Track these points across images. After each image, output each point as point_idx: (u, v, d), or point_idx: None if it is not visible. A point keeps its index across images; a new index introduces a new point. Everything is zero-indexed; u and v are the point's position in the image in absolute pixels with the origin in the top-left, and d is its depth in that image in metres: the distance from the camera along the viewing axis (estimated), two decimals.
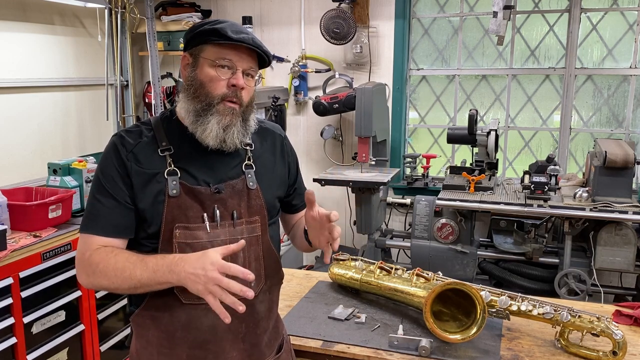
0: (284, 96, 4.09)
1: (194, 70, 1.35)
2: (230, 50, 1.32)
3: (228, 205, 1.36)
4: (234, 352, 1.38)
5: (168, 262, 1.22)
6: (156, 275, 1.23)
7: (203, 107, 1.33)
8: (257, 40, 1.35)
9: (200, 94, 1.33)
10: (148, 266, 1.24)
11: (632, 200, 3.06)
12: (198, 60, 1.34)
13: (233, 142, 1.35)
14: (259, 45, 1.34)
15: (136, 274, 1.24)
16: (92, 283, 1.32)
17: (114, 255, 1.29)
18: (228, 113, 1.34)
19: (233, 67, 1.33)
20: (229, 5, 4.36)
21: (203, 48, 1.34)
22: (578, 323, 1.61)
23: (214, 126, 1.32)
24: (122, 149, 1.34)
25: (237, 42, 1.30)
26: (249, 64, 1.36)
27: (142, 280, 1.24)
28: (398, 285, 1.83)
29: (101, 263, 1.28)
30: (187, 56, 1.38)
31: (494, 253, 3.48)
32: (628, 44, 3.70)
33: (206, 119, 1.33)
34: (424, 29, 4.11)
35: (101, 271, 1.27)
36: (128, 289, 1.27)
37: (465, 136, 3.56)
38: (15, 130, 3.35)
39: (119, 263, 1.27)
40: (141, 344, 1.41)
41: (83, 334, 2.80)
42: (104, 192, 1.33)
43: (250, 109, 1.40)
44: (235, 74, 1.33)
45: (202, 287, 1.15)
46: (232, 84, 1.33)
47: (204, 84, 1.33)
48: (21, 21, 3.38)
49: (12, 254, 2.40)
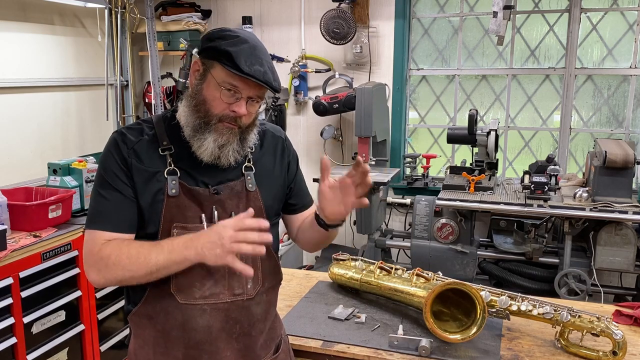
0: (284, 96, 4.10)
1: (201, 84, 1.33)
2: (239, 79, 1.29)
3: (226, 207, 1.36)
4: (227, 352, 1.38)
5: (183, 240, 1.25)
6: (172, 255, 1.24)
7: (201, 123, 1.32)
8: (269, 75, 1.30)
9: (200, 110, 1.32)
10: (163, 249, 1.25)
11: (632, 200, 3.06)
12: (207, 75, 1.32)
13: (227, 160, 1.34)
14: (269, 81, 1.30)
15: (151, 257, 1.24)
16: (105, 277, 1.29)
17: (125, 244, 1.28)
18: (225, 133, 1.32)
19: (238, 93, 1.30)
20: (229, 5, 4.36)
21: (214, 64, 1.30)
22: (578, 323, 1.61)
23: (210, 144, 1.32)
24: (123, 145, 1.34)
25: (247, 76, 1.27)
26: (256, 93, 1.33)
27: (158, 263, 1.24)
28: (398, 285, 1.82)
29: (113, 254, 1.27)
30: (198, 62, 1.35)
31: (494, 253, 3.48)
32: (628, 44, 3.70)
33: (203, 135, 1.32)
34: (424, 29, 4.11)
35: (114, 262, 1.26)
36: (144, 275, 1.26)
37: (465, 136, 3.56)
38: (15, 130, 3.35)
39: (132, 250, 1.26)
40: (138, 343, 1.42)
41: (83, 334, 2.80)
42: (107, 187, 1.32)
43: (250, 129, 1.38)
44: (239, 101, 1.31)
45: (221, 250, 1.20)
46: (233, 110, 1.31)
47: (206, 101, 1.32)
48: (21, 21, 3.38)
49: (12, 254, 2.40)
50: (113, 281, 1.30)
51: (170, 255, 1.24)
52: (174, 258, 1.24)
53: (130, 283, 1.31)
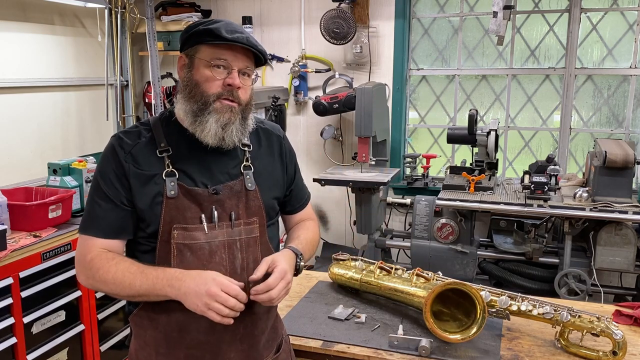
0: (284, 96, 4.09)
1: (190, 71, 1.35)
2: (225, 50, 1.32)
3: (226, 206, 1.36)
4: (231, 353, 1.38)
5: (168, 276, 1.27)
6: (155, 287, 1.27)
7: (199, 107, 1.33)
8: (252, 40, 1.35)
9: (195, 94, 1.33)
10: (148, 278, 1.28)
11: (632, 200, 3.06)
12: (194, 61, 1.35)
13: (232, 140, 1.35)
14: (253, 44, 1.34)
15: (135, 284, 1.28)
16: (92, 285, 1.36)
17: (115, 263, 1.31)
18: (226, 110, 1.34)
19: (228, 66, 1.33)
20: (229, 5, 4.36)
21: (198, 48, 1.34)
22: (578, 323, 1.61)
23: (213, 125, 1.32)
24: (120, 150, 1.35)
25: (231, 42, 1.30)
26: (245, 63, 1.35)
27: (140, 290, 1.28)
28: (398, 285, 1.82)
29: (101, 269, 1.31)
30: (183, 57, 1.38)
31: (494, 253, 3.48)
32: (628, 44, 3.70)
33: (204, 118, 1.33)
34: (424, 29, 4.10)
35: (101, 277, 1.31)
36: (126, 296, 1.33)
37: (465, 136, 3.56)
38: (15, 130, 3.35)
39: (119, 272, 1.29)
40: (139, 344, 1.42)
41: (83, 334, 2.80)
42: (102, 194, 1.34)
43: (249, 108, 1.40)
44: (231, 73, 1.33)
45: (201, 304, 1.23)
46: (227, 83, 1.33)
47: (199, 84, 1.33)
48: (21, 21, 3.38)
49: (12, 254, 2.40)
50: (98, 290, 1.40)
51: (153, 286, 1.27)
52: (156, 290, 1.27)
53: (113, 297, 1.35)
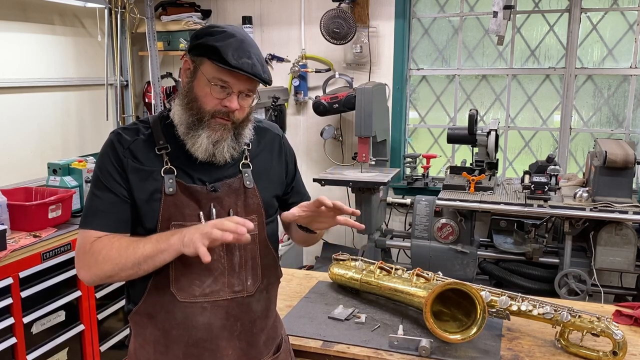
0: (284, 96, 4.09)
1: (192, 81, 1.34)
2: (228, 73, 1.29)
3: (224, 204, 1.37)
4: (229, 350, 1.38)
5: (171, 231, 1.27)
6: (159, 242, 1.25)
7: (194, 120, 1.32)
8: (258, 68, 1.30)
9: (193, 107, 1.33)
10: (150, 239, 1.27)
11: (632, 200, 3.06)
12: (197, 72, 1.33)
13: (223, 156, 1.34)
14: (258, 73, 1.30)
15: (139, 247, 1.26)
16: (95, 274, 1.31)
17: (117, 239, 1.31)
18: (219, 129, 1.33)
19: (229, 88, 1.31)
20: (229, 5, 4.36)
21: (203, 61, 1.31)
22: (578, 323, 1.61)
23: (204, 140, 1.32)
24: (119, 145, 1.35)
25: (235, 69, 1.27)
26: (247, 87, 1.33)
27: (145, 252, 1.25)
28: (398, 285, 1.82)
29: (104, 249, 1.29)
30: (188, 60, 1.36)
31: (494, 253, 3.48)
32: (628, 44, 3.70)
33: (196, 132, 1.32)
34: (424, 29, 4.10)
35: (104, 257, 1.28)
36: (132, 266, 1.27)
37: (465, 136, 3.56)
38: (15, 130, 3.34)
39: (123, 243, 1.29)
40: (139, 343, 1.42)
41: (83, 334, 2.80)
42: (102, 187, 1.34)
43: (244, 124, 1.38)
44: (230, 95, 1.31)
45: (199, 234, 1.19)
46: (224, 105, 1.31)
47: (197, 97, 1.32)
48: (21, 21, 3.38)
49: (12, 254, 2.40)
50: (102, 276, 1.31)
51: (157, 243, 1.25)
52: (160, 246, 1.25)
53: (119, 278, 1.31)
